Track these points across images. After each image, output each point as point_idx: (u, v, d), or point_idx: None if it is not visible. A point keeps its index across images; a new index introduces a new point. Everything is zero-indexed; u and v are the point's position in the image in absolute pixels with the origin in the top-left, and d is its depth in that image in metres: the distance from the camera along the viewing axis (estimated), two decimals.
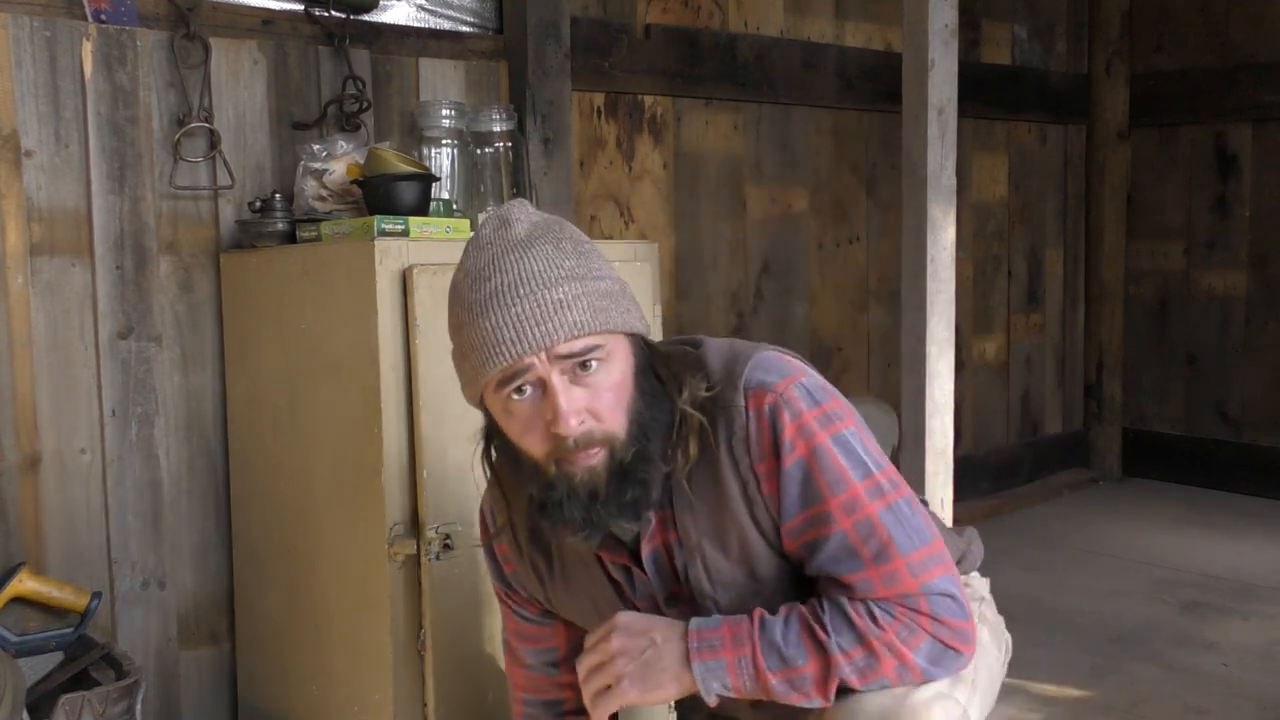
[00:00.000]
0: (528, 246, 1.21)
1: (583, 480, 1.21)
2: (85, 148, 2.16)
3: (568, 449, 1.20)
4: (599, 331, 1.20)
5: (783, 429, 1.23)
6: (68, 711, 1.85)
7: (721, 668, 1.23)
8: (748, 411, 1.24)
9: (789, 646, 1.23)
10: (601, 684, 1.28)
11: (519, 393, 1.20)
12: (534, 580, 1.43)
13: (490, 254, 1.22)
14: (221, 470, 2.35)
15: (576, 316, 1.18)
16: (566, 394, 1.18)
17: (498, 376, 1.20)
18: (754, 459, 1.24)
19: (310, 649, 2.09)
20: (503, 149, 2.41)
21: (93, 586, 2.16)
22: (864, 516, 1.23)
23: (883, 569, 1.23)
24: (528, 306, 1.17)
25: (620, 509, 1.23)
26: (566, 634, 1.49)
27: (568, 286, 1.19)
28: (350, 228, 1.99)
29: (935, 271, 2.52)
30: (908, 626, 1.23)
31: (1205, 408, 4.37)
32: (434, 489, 1.86)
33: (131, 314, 2.22)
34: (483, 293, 1.20)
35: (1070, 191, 4.53)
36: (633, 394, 1.23)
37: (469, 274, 1.23)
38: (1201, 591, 3.21)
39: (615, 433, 1.21)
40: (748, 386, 1.25)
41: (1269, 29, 4.09)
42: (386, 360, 1.84)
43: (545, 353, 1.17)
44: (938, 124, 2.51)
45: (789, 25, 3.45)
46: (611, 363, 1.21)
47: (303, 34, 2.42)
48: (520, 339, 1.17)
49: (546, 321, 1.17)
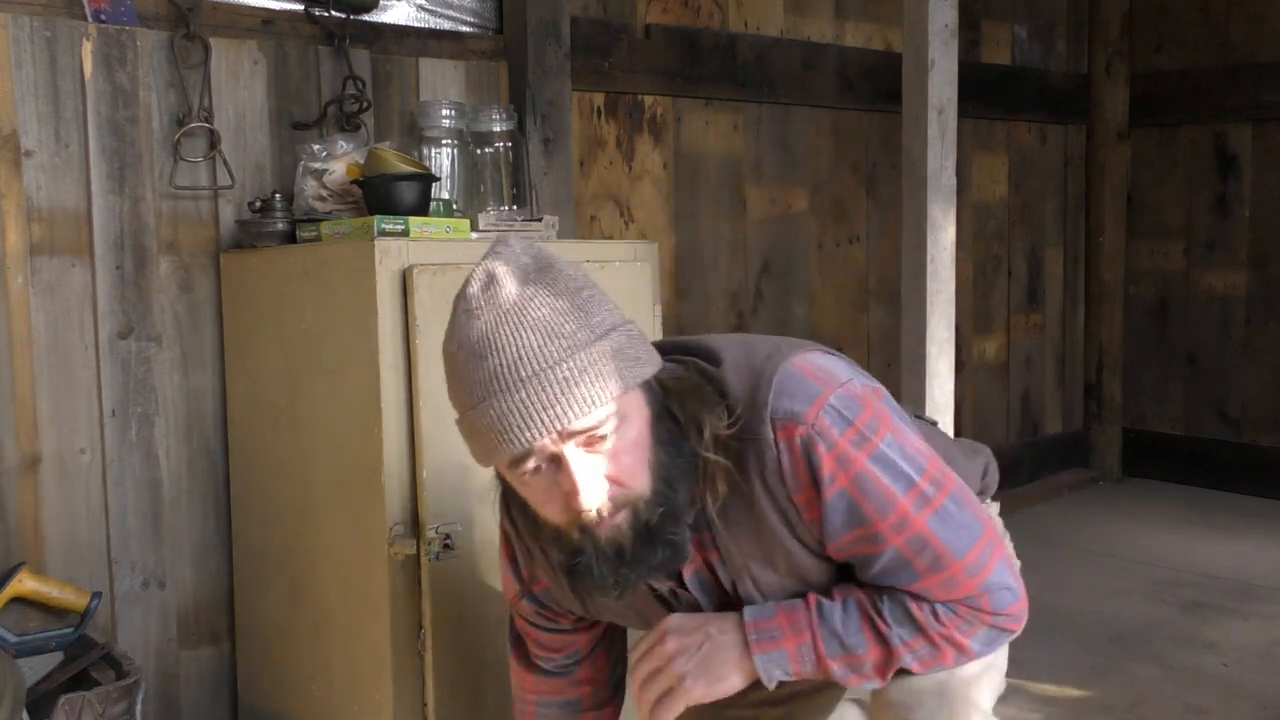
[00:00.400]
0: (522, 313, 1.11)
1: (609, 541, 1.16)
2: (85, 148, 2.16)
3: (590, 520, 1.15)
4: (609, 400, 1.12)
5: (820, 463, 1.18)
6: (68, 711, 1.85)
7: (783, 657, 1.24)
8: (778, 445, 1.19)
9: (849, 635, 1.24)
10: (663, 688, 1.26)
11: (533, 471, 1.14)
12: (570, 595, 1.35)
13: (483, 325, 1.12)
14: (221, 470, 2.35)
15: (585, 392, 1.10)
16: (582, 468, 1.12)
17: (507, 460, 1.14)
18: (790, 490, 1.21)
19: (310, 649, 2.09)
20: (503, 149, 2.41)
21: (93, 586, 2.16)
22: (914, 533, 1.21)
23: (939, 577, 1.23)
24: (532, 391, 1.09)
25: (650, 570, 1.20)
26: (590, 637, 1.48)
27: (572, 361, 1.10)
28: (350, 228, 1.99)
29: (935, 271, 2.52)
30: (968, 620, 1.25)
31: (1205, 408, 4.37)
32: (434, 489, 1.86)
33: (131, 314, 2.22)
34: (482, 374, 1.11)
35: (1070, 191, 4.53)
36: (652, 447, 1.17)
37: (463, 347, 1.14)
38: (1201, 591, 3.21)
39: (639, 493, 1.16)
40: (774, 418, 1.19)
41: (1269, 29, 4.09)
42: (386, 360, 1.84)
43: (556, 433, 1.10)
44: (938, 124, 2.51)
45: (789, 25, 3.45)
46: (627, 423, 1.14)
47: (303, 34, 2.42)
48: (528, 426, 1.10)
49: (554, 405, 1.09)
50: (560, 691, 1.52)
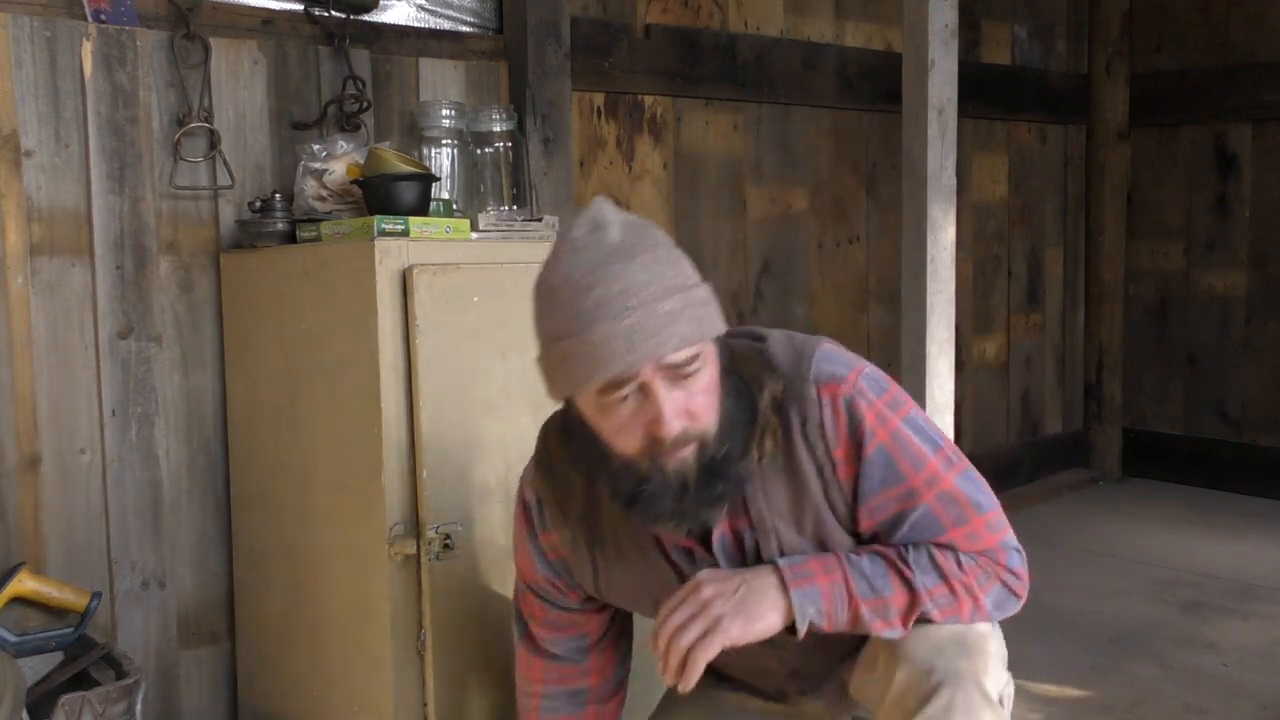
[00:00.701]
0: (630, 256, 1.22)
1: (675, 473, 1.26)
2: (85, 148, 2.16)
3: (665, 448, 1.24)
4: (701, 341, 1.24)
5: (862, 418, 1.32)
6: (68, 711, 1.85)
7: (817, 594, 1.30)
8: (820, 402, 1.32)
9: (877, 579, 1.32)
10: (700, 630, 1.29)
11: (621, 399, 1.23)
12: (586, 566, 1.45)
13: (589, 260, 1.22)
14: (221, 470, 2.35)
15: (683, 328, 1.21)
16: (669, 400, 1.22)
17: (602, 384, 1.22)
18: (830, 445, 1.32)
19: (310, 649, 2.09)
20: (503, 149, 2.41)
21: (93, 586, 2.16)
22: (943, 489, 1.34)
23: (964, 529, 1.35)
24: (638, 319, 1.19)
25: (710, 502, 1.29)
26: (599, 621, 1.55)
27: (674, 299, 1.22)
28: (350, 228, 1.99)
29: (935, 271, 2.52)
30: (985, 572, 1.35)
31: (1205, 408, 4.37)
32: (434, 489, 1.86)
33: (131, 314, 2.22)
34: (588, 303, 1.20)
35: (1070, 191, 4.54)
36: (721, 395, 1.28)
37: (568, 280, 1.22)
38: (1201, 591, 3.21)
39: (708, 430, 1.26)
40: (818, 380, 1.33)
41: (1269, 29, 4.09)
42: (386, 360, 1.84)
43: (654, 363, 1.21)
44: (938, 124, 2.51)
45: (789, 25, 3.45)
46: (706, 367, 1.26)
47: (303, 34, 2.42)
48: (632, 351, 1.19)
49: (657, 334, 1.20)
50: (566, 680, 1.56)
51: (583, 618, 1.54)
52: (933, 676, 1.31)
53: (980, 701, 1.31)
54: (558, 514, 1.44)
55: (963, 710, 1.30)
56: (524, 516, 1.50)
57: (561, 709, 1.58)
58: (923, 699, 1.31)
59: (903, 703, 1.33)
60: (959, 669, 1.31)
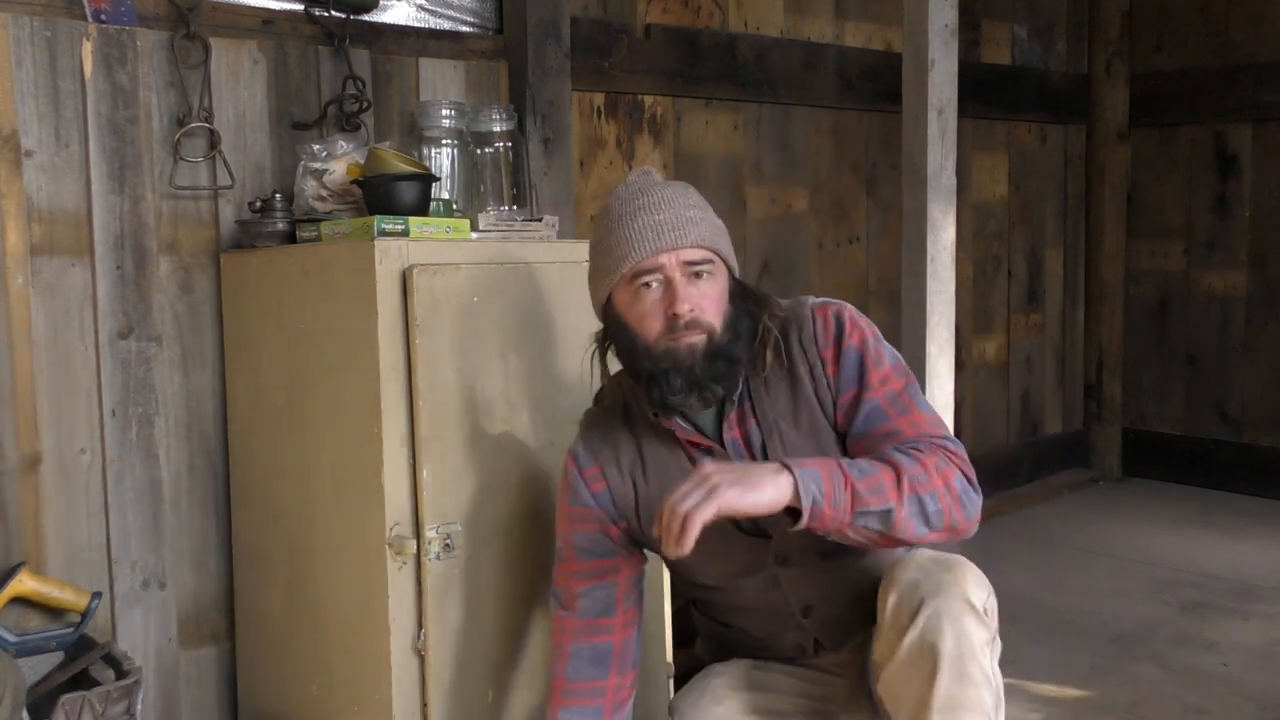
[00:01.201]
0: (666, 185, 1.60)
1: (685, 353, 1.53)
2: (85, 148, 2.16)
3: (679, 328, 1.52)
4: (712, 248, 1.56)
5: (844, 322, 1.60)
6: (68, 711, 1.85)
7: (816, 473, 1.42)
8: (814, 317, 1.61)
9: (864, 465, 1.47)
10: (698, 498, 1.37)
11: (647, 286, 1.54)
12: (629, 489, 1.67)
13: (637, 187, 1.59)
14: (221, 470, 2.35)
15: (701, 232, 1.55)
16: (685, 288, 1.53)
17: (633, 270, 1.53)
18: (820, 347, 1.60)
19: (310, 649, 2.09)
20: (503, 149, 2.41)
21: (93, 586, 2.16)
22: (891, 388, 1.58)
23: (906, 418, 1.56)
24: (667, 216, 1.54)
25: (714, 377, 1.54)
26: (629, 567, 1.71)
27: (696, 213, 1.57)
28: (350, 228, 1.99)
29: (935, 271, 2.52)
30: (942, 457, 1.50)
31: (1205, 408, 4.37)
32: (434, 489, 1.87)
33: (131, 314, 2.22)
34: (631, 206, 1.56)
35: (1070, 191, 4.54)
36: (728, 305, 1.57)
37: (619, 198, 1.59)
38: (1201, 591, 3.21)
39: (714, 324, 1.55)
40: (813, 305, 1.64)
41: (1269, 29, 4.09)
42: (386, 360, 1.84)
43: (674, 255, 1.52)
44: (938, 124, 2.51)
45: (789, 25, 3.45)
46: (717, 278, 1.57)
47: (303, 34, 2.42)
48: (660, 238, 1.52)
49: (680, 229, 1.53)
50: (594, 634, 1.68)
51: (613, 563, 1.69)
52: (919, 590, 1.46)
53: (964, 607, 1.44)
54: (604, 450, 1.68)
55: (949, 616, 1.43)
56: (570, 465, 1.71)
57: (584, 670, 1.68)
58: (912, 613, 1.45)
59: (896, 623, 1.47)
60: (941, 580, 1.47)
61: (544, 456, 2.01)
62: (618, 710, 1.70)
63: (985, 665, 1.45)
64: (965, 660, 1.42)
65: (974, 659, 1.43)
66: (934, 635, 1.43)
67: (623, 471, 1.67)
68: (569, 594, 1.71)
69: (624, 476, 1.67)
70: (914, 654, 1.44)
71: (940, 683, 1.42)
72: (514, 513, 1.97)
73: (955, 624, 1.43)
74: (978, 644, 1.43)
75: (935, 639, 1.42)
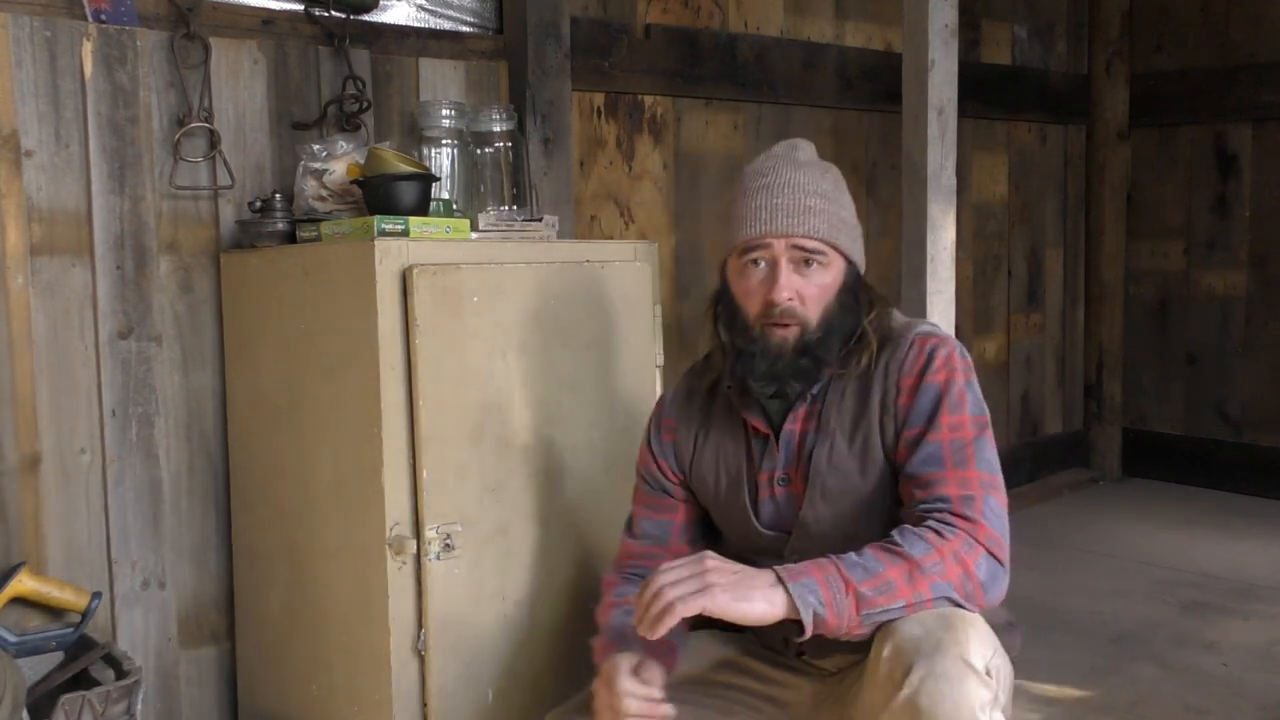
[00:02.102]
0: (802, 166, 1.60)
1: (776, 343, 1.55)
2: (85, 148, 2.16)
3: (774, 315, 1.54)
4: (828, 240, 1.55)
5: (935, 358, 1.56)
6: (68, 711, 1.85)
7: (814, 584, 1.39)
8: (912, 344, 1.58)
9: (868, 561, 1.42)
10: (690, 588, 1.36)
11: (754, 264, 1.56)
12: (688, 445, 1.73)
13: (774, 162, 1.61)
14: (221, 470, 2.35)
15: (816, 222, 1.54)
16: (787, 275, 1.54)
17: (743, 244, 1.56)
18: (902, 375, 1.57)
19: (310, 649, 2.09)
20: (503, 149, 2.41)
21: (93, 586, 2.16)
22: (960, 437, 1.52)
23: (957, 473, 1.49)
24: (785, 200, 1.55)
25: (795, 373, 1.56)
26: (684, 511, 1.76)
27: (819, 201, 1.56)
28: (350, 228, 1.99)
29: (935, 271, 2.52)
30: (966, 543, 1.44)
31: (1205, 408, 4.37)
32: (434, 489, 1.87)
33: (131, 314, 2.22)
34: (758, 183, 1.58)
35: (1070, 191, 4.53)
36: (832, 300, 1.57)
37: (755, 169, 1.62)
38: (1201, 591, 3.21)
39: (810, 318, 1.55)
40: (919, 333, 1.60)
41: (1269, 29, 4.09)
42: (386, 360, 1.84)
43: (785, 240, 1.54)
44: (938, 124, 2.51)
45: (789, 25, 3.45)
46: (827, 270, 1.56)
47: (303, 34, 2.42)
48: (772, 220, 1.54)
49: (795, 217, 1.54)
50: (651, 558, 1.71)
51: (671, 502, 1.75)
52: (918, 648, 1.38)
53: (963, 669, 1.36)
54: (684, 403, 1.75)
55: (946, 678, 1.35)
56: (657, 408, 1.80)
57: (633, 571, 1.73)
58: (906, 669, 1.37)
59: (891, 676, 1.39)
60: (941, 640, 1.38)
61: (544, 456, 2.01)
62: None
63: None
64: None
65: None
66: (930, 700, 1.36)
67: (691, 431, 1.74)
68: (634, 518, 1.79)
69: (690, 435, 1.74)
70: (905, 713, 1.37)
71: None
72: (514, 513, 1.98)
73: (952, 687, 1.35)
74: (977, 705, 1.36)
75: (932, 704, 1.35)
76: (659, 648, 1.57)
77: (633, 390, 2.14)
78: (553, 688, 2.03)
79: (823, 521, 1.61)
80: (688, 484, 1.75)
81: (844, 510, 1.59)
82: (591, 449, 2.07)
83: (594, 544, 2.04)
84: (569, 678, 2.05)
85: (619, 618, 1.66)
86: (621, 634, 1.61)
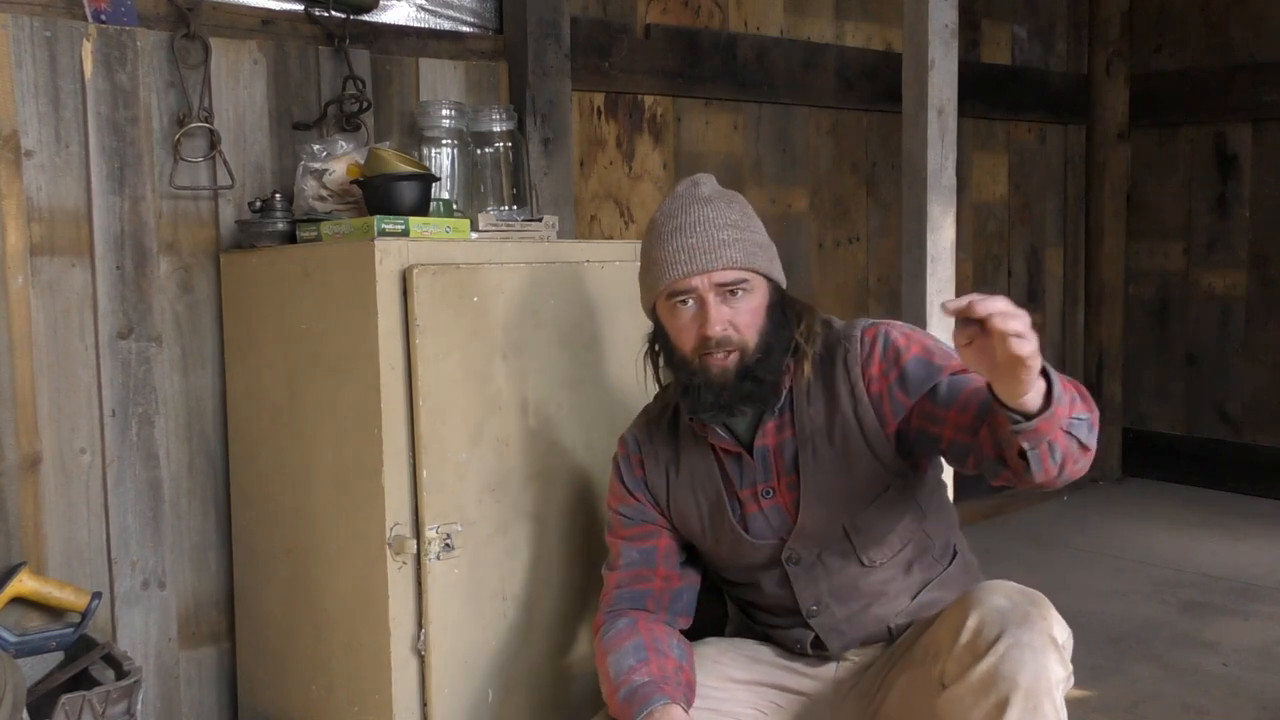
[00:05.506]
0: (708, 201, 1.64)
1: (717, 373, 1.60)
2: (85, 148, 2.16)
3: (710, 347, 1.58)
4: (746, 267, 1.60)
5: (895, 340, 1.63)
6: (68, 711, 1.86)
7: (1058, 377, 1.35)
8: (863, 339, 1.64)
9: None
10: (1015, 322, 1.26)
11: (683, 303, 1.60)
12: (661, 479, 1.76)
13: (681, 203, 1.64)
14: (221, 470, 2.35)
15: (732, 254, 1.59)
16: (716, 309, 1.59)
17: (668, 289, 1.60)
18: (864, 366, 1.63)
19: (310, 649, 2.09)
20: (503, 149, 2.41)
21: (93, 586, 2.17)
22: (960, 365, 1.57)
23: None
24: (699, 239, 1.59)
25: (742, 397, 1.61)
26: (667, 538, 1.78)
27: (731, 233, 1.60)
28: (350, 228, 1.99)
29: (935, 271, 2.52)
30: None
31: (1205, 408, 4.37)
32: (434, 489, 1.86)
33: (131, 314, 2.22)
34: (670, 225, 1.62)
35: (1070, 191, 4.53)
36: (764, 320, 1.62)
37: (664, 213, 1.66)
38: (1201, 591, 3.21)
39: (748, 342, 1.60)
40: (864, 327, 1.66)
41: (1269, 29, 4.09)
42: (386, 360, 1.84)
43: (706, 277, 1.58)
44: (938, 124, 2.51)
45: (789, 25, 3.45)
46: (752, 294, 1.61)
47: (303, 34, 2.42)
48: (691, 260, 1.58)
49: (710, 252, 1.58)
50: (636, 581, 1.76)
51: (652, 529, 1.78)
52: (1005, 618, 1.45)
53: (1048, 642, 1.44)
54: (647, 442, 1.79)
55: (1032, 649, 1.42)
56: (620, 449, 1.82)
57: (619, 603, 1.75)
58: (992, 639, 1.44)
59: (974, 645, 1.46)
60: (1028, 612, 1.46)
61: (544, 456, 2.01)
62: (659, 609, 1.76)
63: (1058, 703, 1.44)
64: (1040, 696, 1.41)
65: (1049, 695, 1.42)
66: (1013, 666, 1.42)
67: (660, 465, 1.77)
68: (613, 554, 1.80)
69: (660, 471, 1.77)
70: (987, 681, 1.43)
71: (1011, 714, 1.41)
72: (514, 513, 1.97)
73: (1037, 658, 1.42)
74: (1055, 681, 1.43)
75: (1014, 670, 1.42)
76: (682, 690, 1.63)
77: (632, 390, 2.14)
78: (552, 687, 2.03)
79: (820, 522, 1.66)
80: (667, 516, 1.78)
81: (840, 505, 1.65)
82: (591, 449, 2.07)
83: (594, 544, 2.04)
84: (568, 677, 2.05)
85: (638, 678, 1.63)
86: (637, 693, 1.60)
